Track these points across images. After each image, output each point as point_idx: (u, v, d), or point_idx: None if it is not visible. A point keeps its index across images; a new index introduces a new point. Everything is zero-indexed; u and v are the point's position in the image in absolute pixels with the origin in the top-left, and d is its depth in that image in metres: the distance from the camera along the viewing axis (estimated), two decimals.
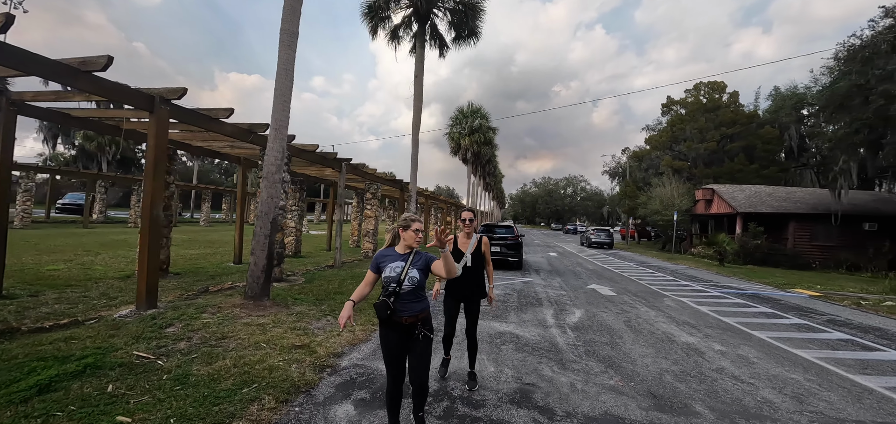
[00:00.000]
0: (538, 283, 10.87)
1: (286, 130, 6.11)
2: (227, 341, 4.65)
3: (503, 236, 13.81)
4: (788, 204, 23.29)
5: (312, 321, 5.60)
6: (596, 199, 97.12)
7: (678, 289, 11.05)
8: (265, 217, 5.91)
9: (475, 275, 3.92)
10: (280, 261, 8.62)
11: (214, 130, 6.96)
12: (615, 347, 5.44)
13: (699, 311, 8.19)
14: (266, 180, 5.95)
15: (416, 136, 14.16)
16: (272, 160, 5.93)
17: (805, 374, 4.80)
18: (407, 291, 2.66)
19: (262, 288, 5.91)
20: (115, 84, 5.53)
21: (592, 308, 7.90)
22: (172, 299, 6.44)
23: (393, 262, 2.72)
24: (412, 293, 2.68)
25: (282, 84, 5.98)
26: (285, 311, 5.89)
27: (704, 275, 14.96)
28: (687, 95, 35.82)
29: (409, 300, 2.67)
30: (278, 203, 6.08)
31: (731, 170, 30.80)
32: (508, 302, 8.07)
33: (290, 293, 7.24)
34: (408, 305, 2.66)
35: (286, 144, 6.16)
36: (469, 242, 3.93)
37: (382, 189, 18.95)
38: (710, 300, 9.61)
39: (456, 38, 15.55)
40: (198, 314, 5.51)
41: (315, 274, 9.90)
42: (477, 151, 31.41)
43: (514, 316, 6.90)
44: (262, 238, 5.88)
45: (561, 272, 13.83)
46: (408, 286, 2.65)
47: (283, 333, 5.01)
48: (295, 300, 6.63)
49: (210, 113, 6.75)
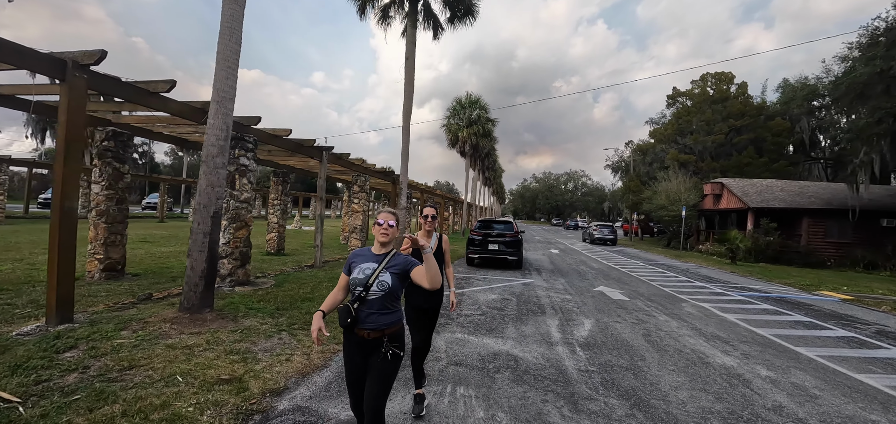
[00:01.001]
0: (540, 285, 9.76)
1: (232, 103, 4.97)
2: (134, 372, 3.54)
3: (502, 232, 12.69)
4: (802, 199, 22.16)
5: (260, 341, 4.49)
6: (597, 194, 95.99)
7: (695, 292, 9.94)
8: (204, 211, 4.79)
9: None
10: (244, 262, 7.51)
11: (155, 107, 5.82)
12: (638, 374, 4.33)
13: (726, 320, 7.08)
14: (205, 166, 4.83)
15: (408, 123, 13.02)
16: (213, 141, 4.80)
17: (886, 414, 3.70)
18: (375, 297, 2.22)
19: (201, 298, 4.80)
20: (15, 45, 4.40)
21: (604, 317, 6.80)
22: (101, 309, 5.33)
23: (364, 263, 2.30)
24: (381, 301, 2.23)
25: (226, 46, 4.84)
26: (229, 326, 4.78)
27: (718, 274, 13.85)
28: (693, 87, 34.55)
29: (375, 310, 2.22)
30: (221, 193, 4.94)
31: (739, 163, 29.62)
32: (506, 310, 6.97)
33: (248, 300, 6.13)
34: (373, 315, 2.22)
35: (232, 121, 5.02)
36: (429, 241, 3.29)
37: (373, 182, 17.83)
38: (734, 305, 8.50)
39: (451, 18, 14.33)
40: (115, 332, 4.41)
41: (290, 276, 8.79)
42: (476, 143, 30.18)
43: (512, 329, 5.79)
44: (199, 237, 4.76)
45: (564, 271, 12.72)
46: (376, 292, 2.22)
47: (214, 358, 3.90)
48: (248, 311, 5.52)
49: (147, 86, 5.61)
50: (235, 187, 7.28)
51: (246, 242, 7.53)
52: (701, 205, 26.21)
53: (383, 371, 2.20)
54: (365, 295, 2.20)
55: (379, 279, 2.21)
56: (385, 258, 2.29)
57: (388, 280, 2.21)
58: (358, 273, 2.25)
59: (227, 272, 7.22)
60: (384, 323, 2.22)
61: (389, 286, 2.21)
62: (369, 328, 2.20)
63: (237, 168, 7.28)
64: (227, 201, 7.30)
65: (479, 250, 12.46)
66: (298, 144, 9.43)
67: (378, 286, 2.20)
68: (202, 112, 6.50)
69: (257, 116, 7.38)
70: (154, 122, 8.23)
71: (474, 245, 12.54)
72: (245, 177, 7.42)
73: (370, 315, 2.20)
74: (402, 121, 13.04)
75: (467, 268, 12.20)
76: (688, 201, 24.69)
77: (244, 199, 7.41)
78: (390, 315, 2.25)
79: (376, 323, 2.21)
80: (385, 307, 2.23)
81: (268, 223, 13.84)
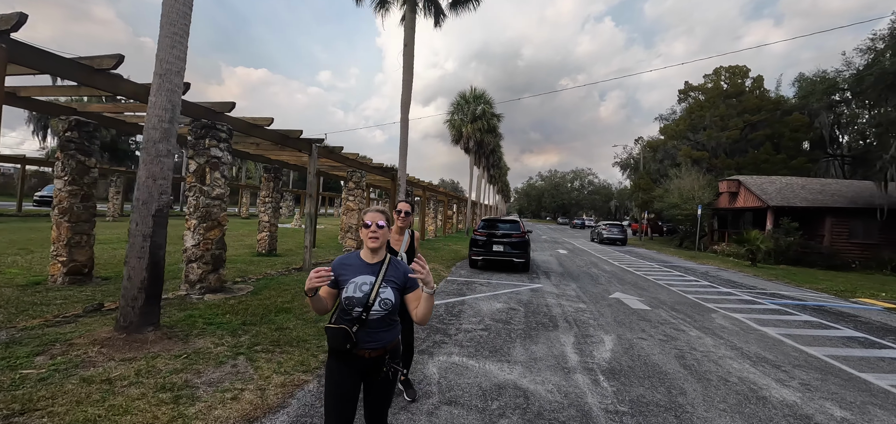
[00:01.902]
0: (550, 291, 8.83)
1: (180, 77, 4.09)
2: (22, 419, 2.69)
3: (507, 232, 11.75)
4: (824, 197, 20.99)
5: (207, 370, 3.62)
6: (603, 192, 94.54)
7: (721, 299, 8.97)
8: (144, 208, 3.92)
9: None
10: (217, 266, 6.67)
11: (101, 88, 4.96)
12: (682, 416, 3.41)
13: (768, 336, 6.13)
14: (145, 153, 3.95)
15: (406, 115, 12.12)
16: (155, 123, 3.93)
17: None
18: (376, 317, 1.89)
19: (141, 314, 3.94)
20: None
21: (626, 333, 5.86)
22: (36, 324, 4.49)
23: (358, 276, 1.92)
24: (383, 319, 1.91)
25: (170, 8, 3.98)
26: (175, 349, 3.91)
27: (741, 278, 12.83)
28: (706, 81, 33.34)
29: (378, 329, 1.91)
30: (165, 187, 4.07)
31: (755, 160, 28.43)
32: (513, 323, 6.05)
33: (213, 312, 5.27)
34: (376, 334, 1.91)
35: (180, 99, 4.13)
36: (402, 239, 3.37)
37: (372, 179, 16.98)
38: (770, 316, 7.53)
39: (453, 3, 13.40)
40: (27, 358, 3.56)
41: (273, 281, 7.94)
42: (480, 139, 29.16)
43: (520, 350, 4.88)
44: (138, 240, 3.90)
45: (575, 274, 11.77)
46: (379, 311, 1.88)
47: (137, 397, 3.03)
48: (207, 327, 4.65)
49: (90, 61, 4.76)
50: (206, 182, 6.43)
51: (219, 243, 6.68)
52: (715, 203, 25.09)
53: (387, 388, 2.01)
54: (366, 317, 1.87)
55: (380, 297, 1.89)
56: (381, 268, 1.95)
57: (391, 297, 1.91)
58: (354, 291, 1.90)
59: (196, 277, 6.38)
60: (387, 340, 1.96)
61: (393, 302, 1.91)
62: (371, 348, 1.91)
63: (208, 160, 6.43)
64: (196, 198, 6.46)
65: (483, 251, 11.54)
66: (284, 136, 8.56)
67: (380, 305, 1.89)
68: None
69: (231, 102, 6.52)
70: (122, 110, 7.41)
71: (478, 246, 11.63)
72: (217, 170, 6.57)
73: (371, 334, 1.90)
74: (401, 113, 12.16)
75: (470, 271, 11.30)
76: (702, 200, 23.58)
77: (216, 195, 6.56)
78: (393, 330, 1.99)
79: (380, 342, 1.93)
80: (387, 323, 1.95)
81: (259, 222, 13.04)
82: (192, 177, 6.47)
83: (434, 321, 5.95)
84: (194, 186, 6.46)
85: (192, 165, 6.49)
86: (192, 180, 6.47)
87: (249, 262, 10.48)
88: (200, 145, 6.45)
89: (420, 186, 19.55)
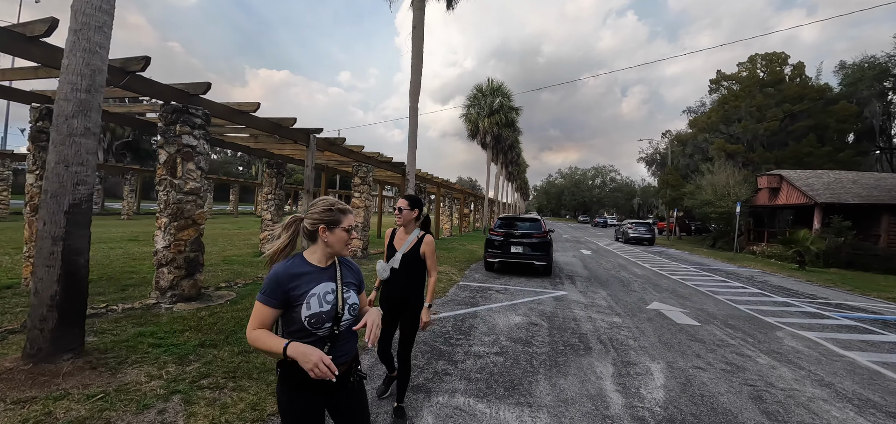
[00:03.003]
0: (577, 300, 7.68)
1: (102, 35, 3.16)
2: None
3: (527, 232, 10.61)
4: (880, 193, 18.95)
5: (122, 418, 2.68)
6: (626, 190, 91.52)
7: (781, 312, 7.62)
8: (53, 203, 3.03)
9: (410, 276, 2.94)
10: (192, 271, 5.81)
11: (36, 59, 4.09)
12: None
13: (858, 364, 4.85)
14: (55, 131, 3.04)
15: (415, 104, 11.13)
16: (68, 92, 3.01)
17: None
18: (346, 326, 1.66)
19: (52, 339, 3.04)
20: None
21: (677, 359, 4.69)
22: None
23: (318, 285, 1.61)
24: (349, 327, 1.68)
25: None
26: (93, 385, 3.00)
27: (792, 284, 11.32)
28: (740, 69, 31.14)
29: (347, 340, 1.69)
30: (83, 176, 3.14)
31: (796, 153, 26.24)
32: (535, 345, 4.96)
33: (168, 328, 4.37)
34: (345, 346, 1.68)
35: (105, 63, 3.20)
36: (406, 238, 2.93)
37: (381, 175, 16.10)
38: (849, 335, 6.20)
39: None
40: None
41: (258, 287, 7.06)
42: (497, 134, 27.92)
43: (545, 386, 3.79)
44: (46, 244, 3.01)
45: (603, 279, 10.53)
46: (349, 319, 1.67)
47: None
48: (150, 351, 3.74)
49: (22, 29, 3.91)
50: (177, 175, 5.57)
51: (194, 245, 5.83)
52: (754, 200, 23.19)
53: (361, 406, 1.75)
54: (337, 330, 1.61)
55: (348, 303, 1.65)
56: (336, 271, 1.68)
57: (356, 300, 1.69)
58: (319, 305, 1.57)
59: (167, 283, 5.54)
60: (353, 348, 1.73)
61: (358, 304, 1.70)
62: (342, 362, 1.64)
63: (179, 150, 5.58)
64: (166, 193, 5.62)
65: (500, 253, 10.44)
66: (275, 125, 7.67)
67: (349, 312, 1.65)
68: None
69: (206, 82, 5.64)
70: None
71: (494, 247, 10.53)
72: (191, 161, 5.71)
73: (341, 347, 1.65)
74: (409, 101, 11.16)
75: (485, 274, 10.23)
76: (740, 196, 21.75)
77: (190, 189, 5.70)
78: (354, 338, 1.72)
79: (348, 353, 1.69)
80: (351, 330, 1.68)
81: (261, 221, 12.30)
82: (163, 169, 5.63)
83: (438, 339, 4.93)
84: (164, 179, 5.62)
85: (162, 155, 5.65)
86: (162, 172, 5.63)
87: (248, 263, 9.71)
88: (170, 132, 5.60)
89: (434, 182, 18.54)
